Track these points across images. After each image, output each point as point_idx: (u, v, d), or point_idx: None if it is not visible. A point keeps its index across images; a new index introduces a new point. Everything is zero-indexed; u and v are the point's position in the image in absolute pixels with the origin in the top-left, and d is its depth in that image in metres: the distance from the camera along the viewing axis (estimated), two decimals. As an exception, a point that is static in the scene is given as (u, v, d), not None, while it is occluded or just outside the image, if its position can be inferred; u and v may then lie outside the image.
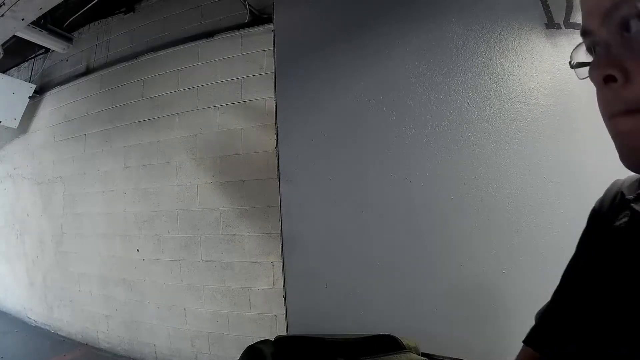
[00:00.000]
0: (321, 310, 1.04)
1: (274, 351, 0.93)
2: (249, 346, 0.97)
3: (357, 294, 1.03)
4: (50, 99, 3.30)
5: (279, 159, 1.11)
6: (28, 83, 3.24)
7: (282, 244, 1.09)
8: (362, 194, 1.05)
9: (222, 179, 2.33)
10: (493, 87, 1.02)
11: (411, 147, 1.03)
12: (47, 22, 2.90)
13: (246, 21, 2.31)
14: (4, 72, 3.29)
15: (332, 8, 1.15)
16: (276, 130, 1.13)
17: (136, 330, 2.60)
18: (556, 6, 1.02)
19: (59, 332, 3.04)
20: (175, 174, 2.48)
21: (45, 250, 3.20)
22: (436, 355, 0.89)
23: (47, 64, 3.44)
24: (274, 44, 1.19)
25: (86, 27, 3.15)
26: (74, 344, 2.86)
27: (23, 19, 2.09)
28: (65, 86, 3.16)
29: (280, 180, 1.11)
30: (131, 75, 2.73)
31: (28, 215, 3.39)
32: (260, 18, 2.28)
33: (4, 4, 1.86)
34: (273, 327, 2.12)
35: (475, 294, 0.97)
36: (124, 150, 2.72)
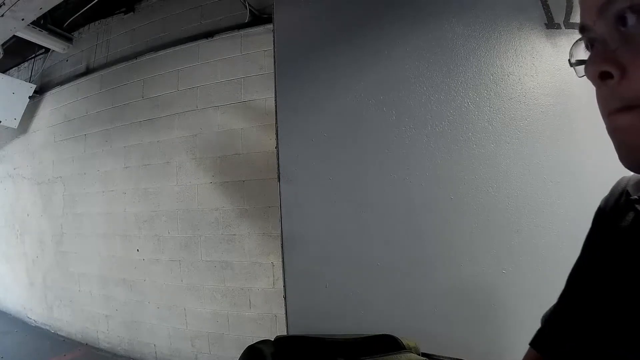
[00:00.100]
0: (321, 310, 1.04)
1: (274, 351, 0.93)
2: (249, 346, 0.97)
3: (357, 294, 1.02)
4: (50, 99, 3.30)
5: (279, 159, 1.11)
6: (28, 83, 3.24)
7: (282, 244, 1.09)
8: (362, 194, 1.05)
9: (222, 179, 2.33)
10: (493, 87, 1.02)
11: (411, 147, 1.03)
12: (47, 22, 2.91)
13: (246, 21, 2.31)
14: (4, 72, 3.28)
15: (332, 8, 1.15)
16: (276, 130, 1.13)
17: (136, 330, 2.60)
18: (556, 6, 1.02)
19: (59, 332, 3.04)
20: (175, 174, 2.48)
21: (45, 250, 3.20)
22: (436, 355, 0.89)
23: (47, 64, 3.43)
24: (274, 44, 1.19)
25: (86, 27, 3.15)
26: (74, 344, 2.86)
27: (23, 19, 2.09)
28: (65, 86, 3.16)
29: (280, 180, 1.11)
30: (131, 75, 2.73)
31: (28, 215, 3.39)
32: (260, 18, 2.28)
33: (4, 4, 1.86)
34: (273, 327, 2.12)
35: (475, 294, 0.97)
36: (124, 150, 2.72)
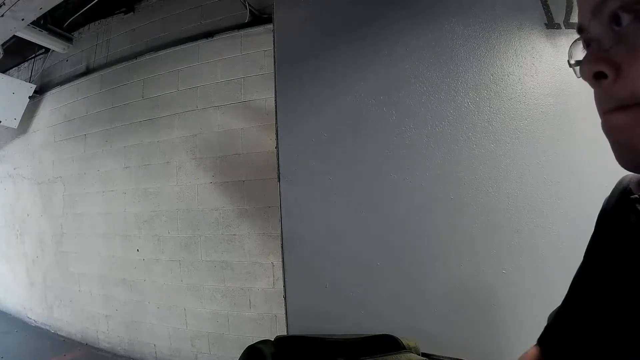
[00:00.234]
0: (321, 310, 1.04)
1: (274, 351, 0.93)
2: (249, 346, 0.97)
3: (357, 294, 1.02)
4: (50, 99, 3.30)
5: (279, 159, 1.11)
6: (28, 83, 3.24)
7: (282, 244, 1.09)
8: (362, 194, 1.05)
9: (222, 179, 2.33)
10: (493, 87, 1.02)
11: (411, 147, 1.03)
12: (47, 22, 2.91)
13: (246, 21, 2.31)
14: (4, 72, 3.28)
15: (332, 8, 1.15)
16: (276, 130, 1.13)
17: (136, 330, 2.60)
18: (556, 6, 1.02)
19: (59, 332, 3.04)
20: (175, 174, 2.48)
21: (45, 250, 3.20)
22: (436, 355, 0.89)
23: (47, 64, 3.43)
24: (274, 44, 1.19)
25: (86, 27, 3.15)
26: (74, 344, 2.86)
27: (23, 19, 2.09)
28: (65, 86, 3.16)
29: (280, 180, 1.11)
30: (131, 75, 2.73)
31: (28, 215, 3.39)
32: (260, 18, 2.28)
33: (4, 4, 1.86)
34: (273, 327, 2.12)
35: (475, 294, 0.97)
36: (124, 150, 2.72)
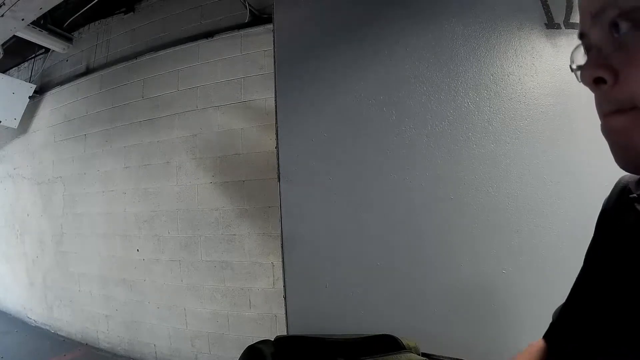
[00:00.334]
0: (321, 310, 1.04)
1: (274, 351, 0.93)
2: (249, 346, 0.97)
3: (357, 294, 1.02)
4: (50, 99, 3.30)
5: (279, 159, 1.12)
6: (28, 83, 3.24)
7: (282, 244, 1.09)
8: (362, 193, 1.05)
9: (222, 179, 2.33)
10: (493, 87, 1.02)
11: (411, 147, 1.03)
12: (47, 22, 2.90)
13: (246, 21, 2.31)
14: (4, 72, 3.28)
15: (332, 8, 1.15)
16: (276, 130, 1.13)
17: (136, 330, 2.60)
18: (556, 6, 1.02)
19: (59, 332, 3.04)
20: (175, 174, 2.48)
21: (45, 250, 3.20)
22: (436, 355, 0.89)
23: (47, 64, 3.43)
24: (274, 44, 1.19)
25: (86, 27, 3.15)
26: (74, 344, 2.86)
27: (23, 19, 2.09)
28: (65, 86, 3.15)
29: (280, 180, 1.11)
30: (131, 75, 2.73)
31: (28, 215, 3.39)
32: (260, 18, 2.28)
33: (4, 4, 1.86)
34: (273, 327, 2.12)
35: (475, 294, 0.97)
36: (124, 150, 2.72)
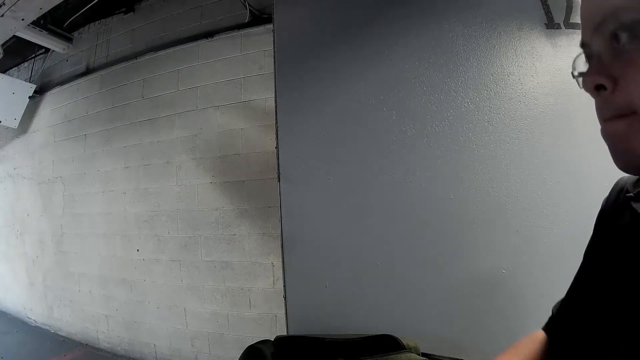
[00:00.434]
0: (321, 310, 1.04)
1: (274, 351, 0.93)
2: (249, 346, 0.97)
3: (357, 294, 1.02)
4: (50, 99, 3.30)
5: (279, 159, 1.12)
6: (28, 83, 3.23)
7: (282, 244, 1.09)
8: (362, 194, 1.05)
9: (222, 179, 2.33)
10: (493, 87, 1.02)
11: (411, 147, 1.03)
12: (47, 22, 2.90)
13: (246, 21, 2.31)
14: (4, 72, 3.28)
15: (332, 8, 1.15)
16: (276, 130, 1.13)
17: (136, 330, 2.60)
18: (556, 6, 1.02)
19: (59, 332, 3.04)
20: (175, 174, 2.48)
21: (45, 250, 3.20)
22: (436, 355, 0.89)
23: (47, 64, 3.43)
24: (274, 44, 1.19)
25: (86, 27, 3.15)
26: (74, 344, 2.86)
27: (23, 19, 2.09)
28: (65, 86, 3.15)
29: (280, 180, 1.11)
30: (131, 75, 2.73)
31: (28, 215, 3.38)
32: (260, 18, 2.28)
33: (4, 4, 1.86)
34: (273, 327, 2.12)
35: (475, 294, 0.97)
36: (124, 150, 2.72)
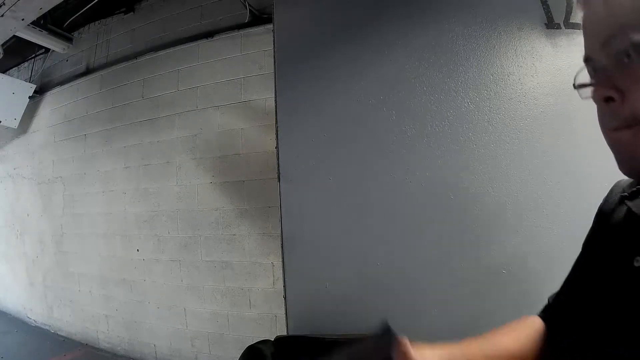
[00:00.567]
0: (321, 310, 1.04)
1: (274, 351, 0.94)
2: (249, 346, 0.97)
3: (357, 293, 1.03)
4: (50, 99, 3.29)
5: (279, 159, 1.12)
6: (28, 83, 3.23)
7: (282, 244, 1.09)
8: (362, 194, 1.05)
9: (222, 179, 2.33)
10: (493, 87, 1.02)
11: (411, 147, 1.03)
12: (47, 22, 2.90)
13: (246, 21, 2.31)
14: (4, 72, 3.28)
15: (332, 8, 1.15)
16: (276, 130, 1.13)
17: (136, 330, 2.60)
18: (556, 6, 1.02)
19: (59, 332, 3.04)
20: (175, 174, 2.48)
21: (45, 250, 3.20)
22: (436, 355, 0.89)
23: (47, 64, 3.43)
24: (274, 44, 1.19)
25: (86, 27, 3.15)
26: (74, 344, 2.86)
27: (23, 19, 2.09)
28: (65, 86, 3.15)
29: (280, 180, 1.11)
30: (131, 75, 2.73)
31: (28, 215, 3.38)
32: (260, 18, 2.28)
33: (4, 4, 1.86)
34: (273, 327, 2.12)
35: (475, 294, 0.97)
36: (124, 150, 2.72)
